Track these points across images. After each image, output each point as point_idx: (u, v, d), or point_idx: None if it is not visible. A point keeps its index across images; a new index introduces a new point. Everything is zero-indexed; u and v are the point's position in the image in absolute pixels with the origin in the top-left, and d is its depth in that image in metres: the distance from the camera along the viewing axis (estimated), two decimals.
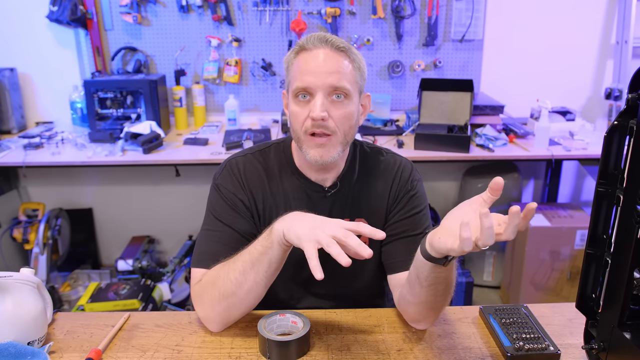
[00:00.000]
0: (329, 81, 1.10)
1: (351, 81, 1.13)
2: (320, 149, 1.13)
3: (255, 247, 1.05)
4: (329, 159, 1.15)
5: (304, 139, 1.15)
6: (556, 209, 2.77)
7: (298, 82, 1.12)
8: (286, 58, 1.18)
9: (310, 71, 1.10)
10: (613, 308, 0.93)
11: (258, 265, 1.04)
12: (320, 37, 1.12)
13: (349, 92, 1.12)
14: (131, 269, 2.76)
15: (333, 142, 1.14)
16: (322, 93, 1.10)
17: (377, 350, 1.07)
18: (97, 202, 3.21)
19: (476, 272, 2.99)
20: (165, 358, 1.06)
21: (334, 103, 1.12)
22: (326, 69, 1.10)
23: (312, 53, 1.12)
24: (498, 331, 1.10)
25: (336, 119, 1.12)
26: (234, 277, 1.06)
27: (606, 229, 0.97)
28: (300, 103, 1.13)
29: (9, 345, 1.02)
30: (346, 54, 1.13)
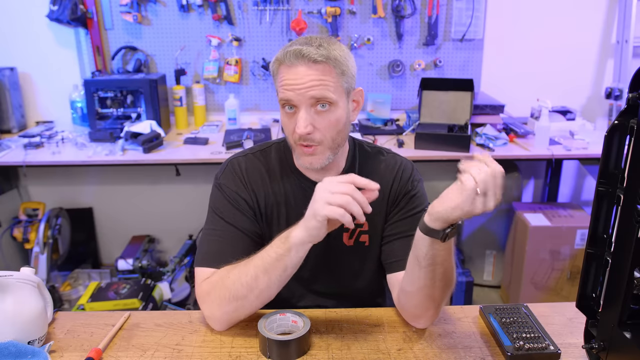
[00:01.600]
0: (310, 95, 1.09)
1: (335, 88, 1.11)
2: (309, 157, 1.15)
3: (269, 253, 1.05)
4: (318, 165, 1.17)
5: (294, 147, 1.17)
6: (556, 209, 2.77)
7: (281, 95, 1.12)
8: (271, 66, 1.18)
9: (290, 86, 1.10)
10: (613, 307, 0.93)
11: (272, 270, 1.04)
12: (296, 53, 1.09)
13: (333, 100, 1.11)
14: (131, 268, 2.75)
15: (321, 150, 1.15)
16: (304, 107, 1.10)
17: (377, 350, 1.07)
18: (98, 202, 3.21)
19: (476, 272, 2.99)
20: (166, 357, 1.06)
21: (319, 113, 1.11)
22: (305, 84, 1.09)
23: (291, 69, 1.10)
24: (498, 330, 1.10)
25: (322, 128, 1.12)
26: (245, 282, 1.07)
27: (606, 228, 0.97)
28: (287, 114, 1.14)
29: (9, 344, 1.02)
30: (325, 64, 1.09)
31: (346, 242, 1.23)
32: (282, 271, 1.05)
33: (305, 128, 1.10)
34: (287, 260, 1.03)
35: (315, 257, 1.17)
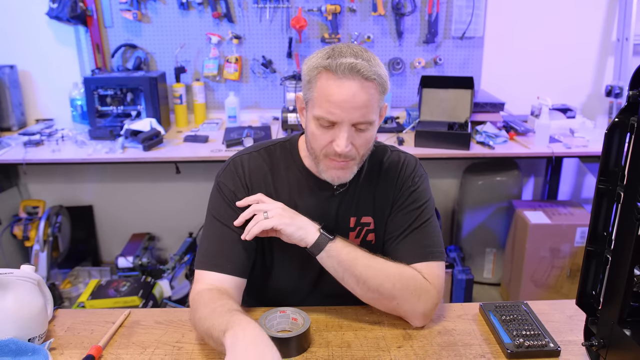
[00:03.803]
0: (356, 116, 1.07)
1: (376, 109, 1.10)
2: (338, 171, 1.14)
3: (216, 328, 0.98)
4: (345, 179, 1.16)
5: (321, 159, 1.14)
6: (556, 207, 2.77)
7: (323, 112, 1.07)
8: (308, 68, 1.10)
9: (337, 105, 1.05)
10: (613, 305, 0.93)
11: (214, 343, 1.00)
12: (351, 67, 1.03)
13: (373, 120, 1.10)
14: (131, 266, 2.76)
15: (351, 165, 1.14)
16: (347, 126, 1.08)
17: (377, 347, 1.07)
18: (98, 200, 3.21)
19: (476, 270, 2.99)
20: (166, 355, 1.06)
21: (357, 132, 1.10)
22: (355, 104, 1.05)
23: (342, 85, 1.04)
24: (498, 328, 1.10)
25: (358, 145, 1.11)
26: (201, 329, 1.03)
27: (606, 226, 0.97)
28: (321, 128, 1.10)
29: (9, 341, 1.02)
30: (373, 83, 1.06)
31: (353, 241, 1.22)
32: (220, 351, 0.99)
33: (347, 147, 1.08)
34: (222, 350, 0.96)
35: None
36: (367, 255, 1.12)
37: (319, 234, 1.10)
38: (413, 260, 1.15)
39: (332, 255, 1.10)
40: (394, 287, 1.11)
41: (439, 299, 1.14)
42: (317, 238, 1.10)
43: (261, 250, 1.22)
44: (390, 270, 1.12)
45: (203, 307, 1.04)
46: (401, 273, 1.12)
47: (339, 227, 1.22)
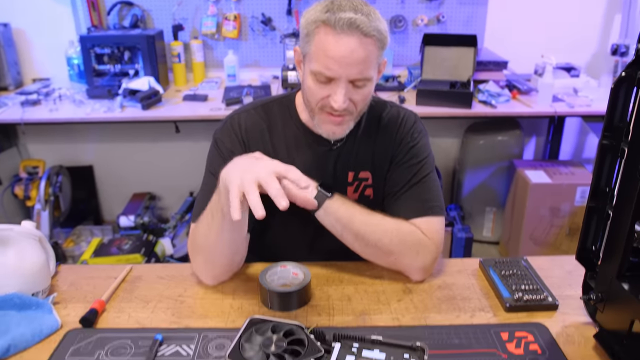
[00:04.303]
0: (354, 73, 1.05)
1: (374, 65, 1.08)
2: (335, 127, 1.13)
3: (213, 197, 1.05)
4: (341, 135, 1.15)
5: (317, 113, 1.13)
6: (557, 166, 2.77)
7: (320, 67, 1.05)
8: (306, 21, 1.07)
9: (335, 61, 1.03)
10: (613, 260, 0.93)
11: (215, 215, 1.04)
12: (350, 22, 1.01)
13: (371, 77, 1.08)
14: (133, 225, 2.77)
15: (347, 120, 1.13)
16: (344, 82, 1.06)
17: (378, 301, 1.09)
18: (98, 159, 3.21)
19: (476, 228, 3.01)
20: (168, 308, 1.07)
21: (355, 87, 1.08)
22: (352, 60, 1.03)
23: (340, 41, 1.02)
24: (497, 283, 1.11)
25: (356, 101, 1.10)
26: (202, 230, 1.08)
27: (609, 182, 0.96)
28: (318, 83, 1.08)
29: (13, 296, 1.03)
30: (372, 39, 1.04)
31: (351, 196, 1.23)
32: (222, 216, 1.01)
33: (344, 104, 1.07)
34: (223, 203, 0.99)
35: None
36: (364, 211, 1.13)
37: (316, 192, 1.10)
38: (412, 215, 1.15)
39: (330, 212, 1.10)
40: (391, 243, 1.11)
41: (438, 253, 1.15)
42: (315, 196, 1.10)
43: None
44: (388, 226, 1.12)
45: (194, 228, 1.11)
46: (399, 228, 1.13)
47: (337, 181, 1.22)
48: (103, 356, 0.93)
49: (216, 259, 1.11)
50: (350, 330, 0.92)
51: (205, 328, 1.00)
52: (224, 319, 1.03)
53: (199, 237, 1.10)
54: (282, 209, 0.91)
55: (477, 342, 0.95)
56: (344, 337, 0.90)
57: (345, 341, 0.90)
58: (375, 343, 0.89)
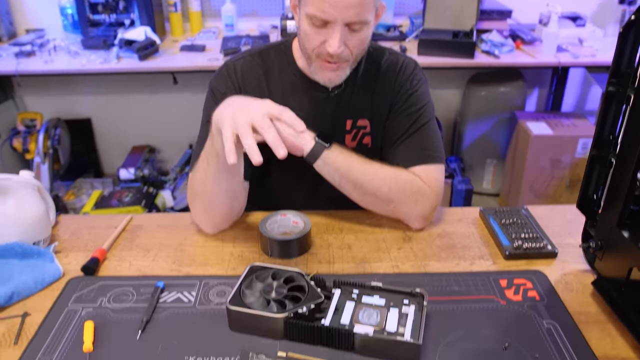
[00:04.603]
0: (350, 15, 1.01)
1: (371, 8, 1.04)
2: (330, 73, 1.10)
3: (207, 142, 1.03)
4: (338, 81, 1.13)
5: (314, 60, 1.10)
6: (559, 118, 2.74)
7: (315, 10, 1.01)
8: None
9: (330, 3, 0.99)
10: (613, 208, 0.93)
11: (211, 161, 1.02)
12: None
13: (368, 20, 1.05)
14: (133, 177, 2.77)
15: (344, 66, 1.10)
16: (340, 26, 1.02)
17: (378, 249, 1.09)
18: (96, 112, 3.17)
19: (476, 180, 3.01)
20: (169, 256, 1.08)
21: (351, 32, 1.04)
22: (348, 3, 0.99)
23: None
24: (497, 231, 1.11)
25: (352, 46, 1.06)
26: (199, 178, 1.07)
27: (613, 130, 0.95)
28: (313, 27, 1.05)
29: (14, 245, 1.03)
30: None
31: (349, 144, 1.22)
32: (217, 159, 1.00)
33: (339, 48, 1.03)
34: (217, 146, 0.98)
35: None
36: (363, 160, 1.12)
37: (314, 143, 1.08)
38: (411, 163, 1.14)
39: (328, 162, 1.09)
40: (390, 191, 1.11)
41: (437, 201, 1.14)
42: (313, 147, 1.08)
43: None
44: (387, 175, 1.12)
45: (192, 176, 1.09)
46: (397, 177, 1.12)
47: (335, 129, 1.21)
48: (105, 303, 0.94)
49: (215, 207, 1.11)
50: (350, 277, 0.93)
51: (206, 275, 1.01)
52: (224, 267, 1.04)
53: (197, 185, 1.09)
54: (281, 158, 0.89)
55: (476, 289, 0.96)
56: (344, 284, 0.91)
57: (345, 287, 0.91)
58: (375, 289, 0.90)
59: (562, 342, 0.84)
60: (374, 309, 0.86)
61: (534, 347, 0.83)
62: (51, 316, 0.91)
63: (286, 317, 0.82)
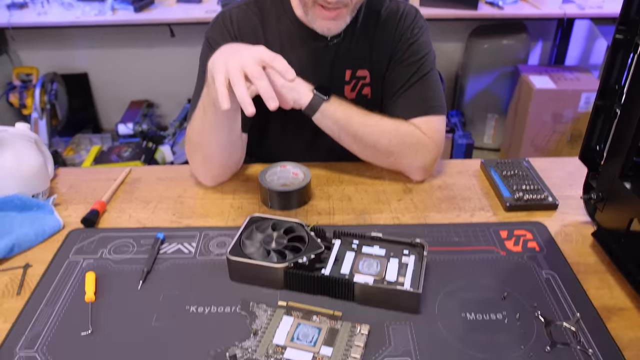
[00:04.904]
0: None
1: None
2: (329, 22, 1.06)
3: (203, 92, 1.01)
4: (337, 31, 1.09)
5: (310, 7, 1.05)
6: (563, 72, 2.70)
7: None
8: None
9: None
10: (616, 159, 0.92)
11: (208, 110, 1.00)
12: None
13: None
14: (132, 132, 2.76)
15: (344, 13, 1.05)
16: None
17: (378, 200, 1.09)
18: (92, 67, 3.13)
19: (477, 135, 2.99)
20: (169, 208, 1.07)
21: None
22: None
23: None
24: (498, 183, 1.11)
25: None
26: (196, 128, 1.05)
27: (619, 79, 0.93)
28: None
29: (13, 197, 1.03)
30: None
31: (348, 95, 1.20)
32: (214, 107, 0.97)
33: None
34: (213, 95, 0.95)
35: None
36: (362, 112, 1.10)
37: (312, 95, 1.06)
38: (412, 114, 1.13)
39: (327, 115, 1.08)
40: (390, 143, 1.10)
41: (438, 153, 1.13)
42: (311, 99, 1.06)
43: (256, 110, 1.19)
44: (387, 127, 1.10)
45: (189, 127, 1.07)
46: (397, 129, 1.11)
47: (334, 80, 1.18)
48: (106, 254, 0.94)
49: (214, 158, 1.10)
50: (350, 228, 0.93)
51: (206, 227, 1.01)
52: (224, 218, 1.04)
53: (195, 136, 1.08)
54: (272, 109, 0.87)
55: (476, 240, 0.96)
56: (344, 234, 0.91)
57: (346, 238, 0.91)
58: (375, 240, 0.90)
59: (560, 291, 0.84)
60: (374, 259, 0.87)
61: (532, 296, 0.83)
62: (52, 267, 0.91)
63: (286, 267, 0.82)
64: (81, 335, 0.77)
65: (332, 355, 0.73)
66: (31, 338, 0.77)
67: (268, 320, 0.79)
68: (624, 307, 0.82)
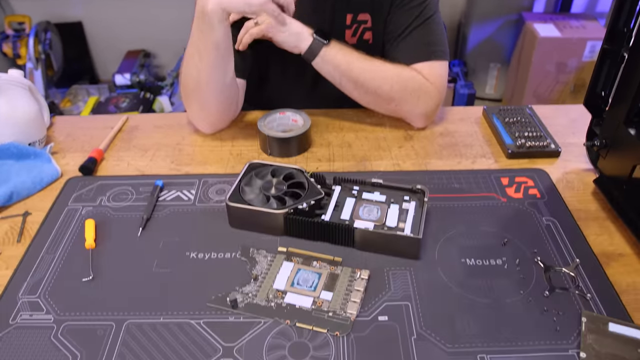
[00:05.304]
0: None
1: None
2: None
3: (193, 31, 0.98)
4: None
5: None
6: (569, 19, 2.63)
7: None
8: None
9: None
10: (622, 105, 0.90)
11: (204, 52, 0.97)
12: None
13: None
14: (129, 83, 2.72)
15: None
16: None
17: (378, 147, 1.08)
18: (87, 15, 3.05)
19: (479, 85, 2.95)
20: (167, 156, 1.06)
21: None
22: None
23: None
24: (501, 130, 1.09)
25: None
26: (191, 71, 1.02)
27: (628, 22, 0.90)
28: None
29: (10, 145, 1.02)
30: None
31: (349, 39, 1.17)
32: (216, 51, 0.96)
33: None
34: (216, 37, 0.95)
35: None
36: (363, 57, 1.07)
37: (312, 39, 1.04)
38: (414, 59, 1.10)
39: (327, 60, 1.05)
40: (391, 89, 1.08)
41: (441, 99, 1.11)
42: (311, 43, 1.03)
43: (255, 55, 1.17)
44: (388, 72, 1.08)
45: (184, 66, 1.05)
46: (399, 74, 1.08)
47: (335, 24, 1.15)
48: (105, 202, 0.94)
49: (211, 104, 1.07)
50: (350, 175, 0.92)
51: (205, 174, 1.00)
52: (223, 166, 1.03)
53: (190, 80, 1.04)
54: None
55: (477, 187, 0.96)
56: (344, 181, 0.90)
57: (346, 184, 0.90)
58: (375, 186, 0.90)
59: (560, 238, 0.84)
60: (374, 205, 0.86)
61: (532, 242, 0.83)
62: (52, 215, 0.91)
63: (286, 213, 0.82)
64: (82, 281, 0.78)
65: (332, 299, 0.73)
66: (33, 284, 0.77)
67: (268, 265, 0.79)
68: (623, 253, 0.82)
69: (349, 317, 0.71)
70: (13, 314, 0.73)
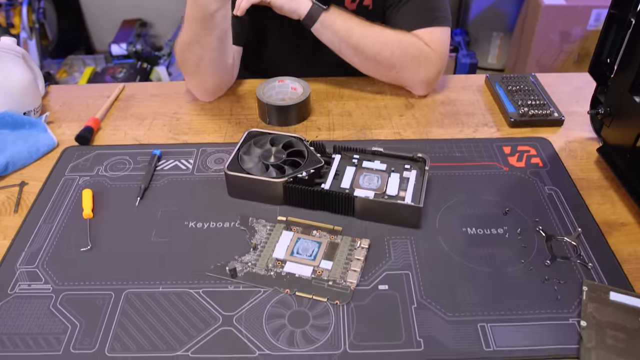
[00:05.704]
0: None
1: None
2: None
3: (194, 16, 0.94)
4: None
5: None
6: None
7: None
8: None
9: None
10: (627, 72, 0.88)
11: (195, 18, 0.94)
12: None
13: None
14: (126, 53, 2.68)
15: None
16: None
17: (379, 116, 1.06)
18: None
19: (481, 54, 2.91)
20: (164, 125, 1.05)
21: None
22: None
23: None
24: (503, 98, 1.08)
25: None
26: (186, 39, 0.99)
27: None
28: None
29: (4, 114, 1.00)
30: None
31: (348, 5, 1.14)
32: (218, 28, 0.95)
33: None
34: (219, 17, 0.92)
35: None
36: (363, 23, 1.05)
37: (311, 5, 1.01)
38: (415, 25, 1.07)
39: (327, 25, 1.03)
40: (392, 55, 1.05)
41: (442, 66, 1.09)
42: (310, 9, 1.01)
43: (253, 22, 1.14)
44: (388, 38, 1.05)
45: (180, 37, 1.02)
46: (400, 40, 1.06)
47: None
48: (102, 171, 0.93)
49: (207, 70, 1.04)
50: (350, 143, 0.91)
51: (203, 143, 0.99)
52: (221, 135, 1.01)
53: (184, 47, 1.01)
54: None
55: (479, 156, 0.95)
56: (344, 149, 0.89)
57: (346, 153, 0.89)
58: (376, 154, 0.88)
59: (562, 207, 0.83)
60: (374, 174, 0.85)
61: (534, 212, 0.82)
62: (49, 185, 0.90)
63: (285, 182, 0.81)
64: (80, 251, 0.77)
65: (332, 268, 0.73)
66: (31, 254, 0.77)
67: (267, 235, 0.78)
68: (625, 222, 0.81)
69: (349, 286, 0.70)
70: (12, 284, 0.72)
